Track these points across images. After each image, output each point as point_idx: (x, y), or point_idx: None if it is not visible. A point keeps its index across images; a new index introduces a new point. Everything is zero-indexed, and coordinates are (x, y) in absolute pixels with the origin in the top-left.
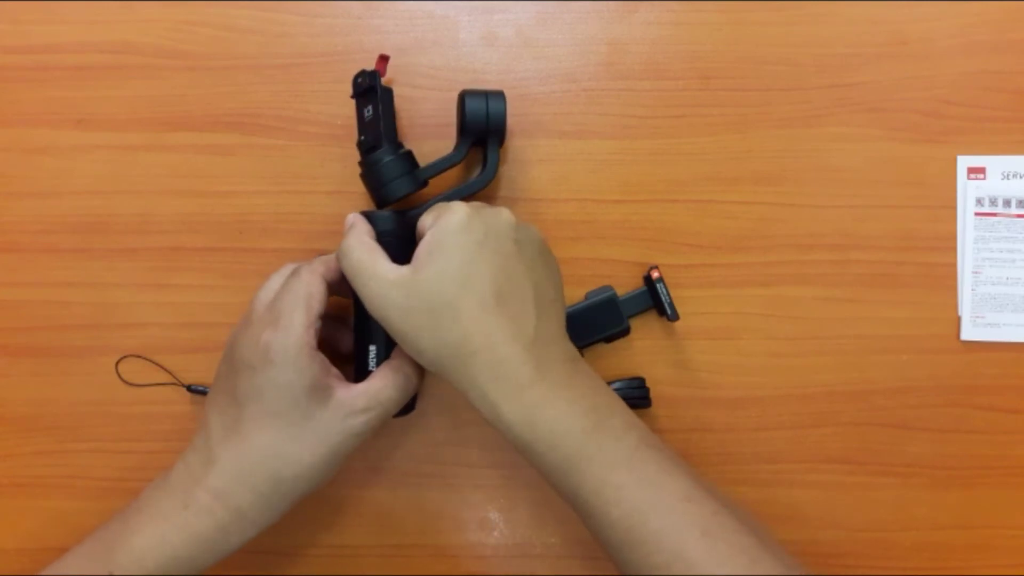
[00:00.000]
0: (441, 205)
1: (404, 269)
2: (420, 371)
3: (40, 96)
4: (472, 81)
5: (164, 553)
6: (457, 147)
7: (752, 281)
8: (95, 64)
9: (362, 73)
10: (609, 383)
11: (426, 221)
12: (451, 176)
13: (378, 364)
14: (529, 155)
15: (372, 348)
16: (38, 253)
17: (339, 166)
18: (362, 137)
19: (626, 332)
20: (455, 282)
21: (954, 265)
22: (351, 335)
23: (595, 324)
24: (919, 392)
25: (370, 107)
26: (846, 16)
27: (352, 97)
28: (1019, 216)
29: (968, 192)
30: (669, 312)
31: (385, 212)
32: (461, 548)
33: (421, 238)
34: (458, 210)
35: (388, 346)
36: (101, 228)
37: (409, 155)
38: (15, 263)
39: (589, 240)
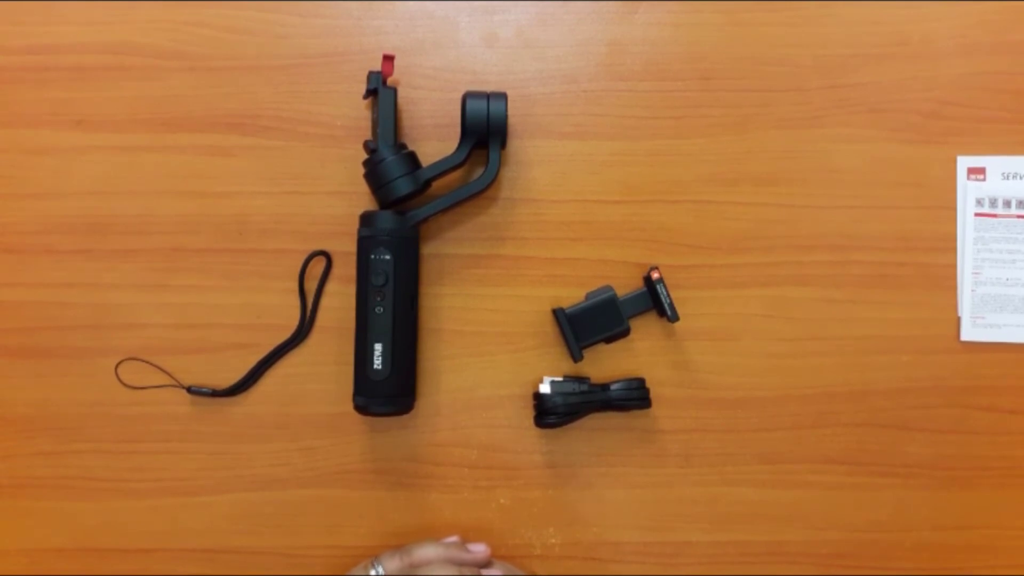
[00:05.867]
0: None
1: None
2: None
3: (40, 96)
4: (472, 82)
5: None
6: (459, 148)
7: (752, 282)
8: (95, 64)
9: (370, 74)
10: (609, 384)
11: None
12: (453, 177)
13: (384, 362)
14: (530, 156)
15: (378, 346)
16: (38, 254)
17: (339, 167)
18: (369, 137)
19: (626, 333)
20: None
21: (954, 266)
22: None
23: (595, 324)
24: (919, 393)
25: (376, 107)
26: (846, 17)
27: (364, 97)
28: (1019, 216)
29: (968, 192)
30: (669, 313)
31: (386, 212)
32: None
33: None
34: None
35: (394, 344)
36: (101, 229)
37: (411, 156)
38: (15, 263)
39: (589, 240)
